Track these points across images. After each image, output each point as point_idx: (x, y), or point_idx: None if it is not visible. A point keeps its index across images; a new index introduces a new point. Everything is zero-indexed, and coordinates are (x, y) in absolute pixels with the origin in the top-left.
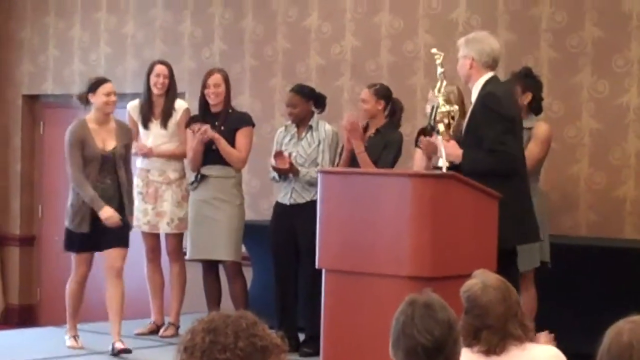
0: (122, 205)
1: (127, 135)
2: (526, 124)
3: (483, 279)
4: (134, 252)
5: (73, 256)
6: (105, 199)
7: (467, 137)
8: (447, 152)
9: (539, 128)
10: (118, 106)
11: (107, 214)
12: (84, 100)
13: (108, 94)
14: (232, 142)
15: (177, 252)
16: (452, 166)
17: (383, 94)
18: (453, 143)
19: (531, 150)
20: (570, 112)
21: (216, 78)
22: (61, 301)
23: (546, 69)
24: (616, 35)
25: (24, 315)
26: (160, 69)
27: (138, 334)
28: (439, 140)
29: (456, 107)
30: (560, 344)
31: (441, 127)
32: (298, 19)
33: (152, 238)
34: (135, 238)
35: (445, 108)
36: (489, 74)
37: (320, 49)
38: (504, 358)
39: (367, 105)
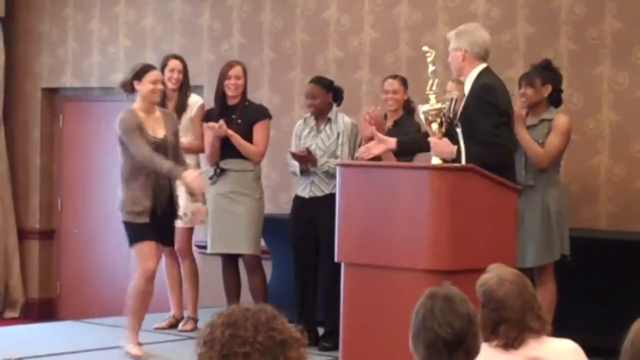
0: (173, 197)
1: (174, 123)
2: (546, 115)
3: (498, 273)
4: None
5: (137, 249)
6: (158, 190)
7: (462, 127)
8: (440, 149)
9: (559, 120)
10: (133, 99)
11: (191, 175)
12: (128, 87)
13: (154, 82)
14: (249, 135)
15: (187, 247)
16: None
17: (406, 85)
18: (445, 140)
19: (552, 142)
20: (590, 104)
21: (237, 70)
22: (81, 295)
23: (566, 61)
24: (636, 27)
25: (44, 309)
26: (174, 63)
27: (157, 328)
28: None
29: (455, 96)
30: (580, 338)
31: (434, 125)
32: (317, 11)
33: (185, 232)
34: None
35: (437, 106)
36: (482, 66)
37: (339, 42)
38: (522, 352)
39: (398, 95)
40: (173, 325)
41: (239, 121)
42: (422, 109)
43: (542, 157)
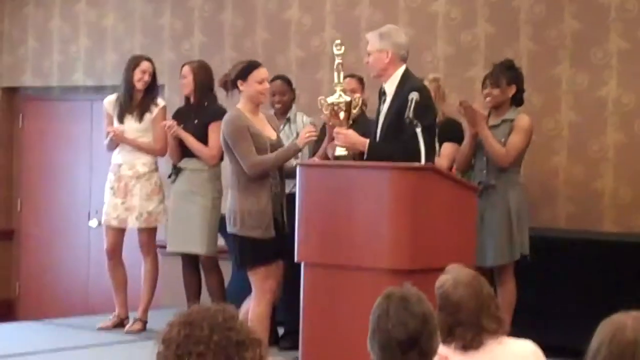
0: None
1: (277, 123)
2: (508, 115)
3: (455, 275)
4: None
5: (256, 273)
6: (276, 197)
7: (388, 127)
8: (351, 140)
9: (520, 120)
10: (95, 99)
11: (303, 136)
12: (229, 86)
13: (262, 81)
14: (204, 136)
15: (149, 247)
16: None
17: (363, 83)
18: (352, 132)
19: (513, 141)
20: (549, 104)
21: (184, 69)
22: (40, 295)
23: (525, 61)
24: (595, 28)
25: (3, 310)
26: (147, 65)
27: (101, 328)
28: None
29: (357, 96)
30: (540, 337)
31: (341, 115)
32: (278, 11)
33: (115, 234)
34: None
35: (344, 98)
36: (403, 67)
37: (300, 41)
38: (481, 353)
39: (357, 94)
40: (117, 325)
41: (195, 121)
42: (328, 100)
43: (504, 156)
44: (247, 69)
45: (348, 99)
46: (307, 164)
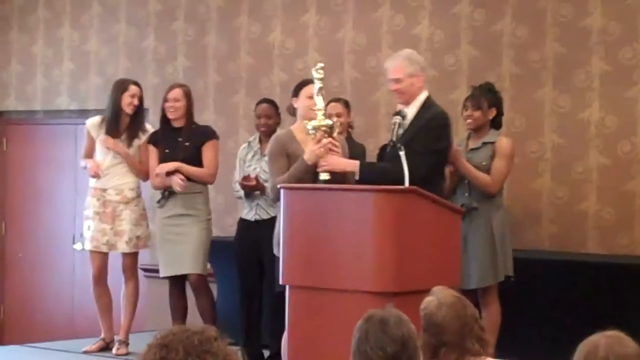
0: None
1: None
2: (488, 138)
3: (439, 296)
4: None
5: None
6: None
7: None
8: (337, 162)
9: (502, 143)
10: (79, 122)
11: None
12: (292, 110)
13: (312, 96)
14: (198, 157)
15: (133, 270)
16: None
17: (349, 107)
18: (336, 157)
19: (498, 167)
20: (532, 127)
21: (175, 92)
22: (26, 319)
23: (508, 83)
24: (577, 51)
25: None
26: (135, 89)
27: (86, 352)
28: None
29: (335, 121)
30: (524, 358)
31: (324, 141)
32: (261, 35)
33: (101, 258)
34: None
35: (326, 122)
36: (426, 92)
37: (284, 65)
38: None
39: (342, 118)
40: (103, 349)
41: (187, 144)
42: (310, 124)
43: (491, 185)
44: (299, 86)
45: (330, 122)
46: (290, 187)
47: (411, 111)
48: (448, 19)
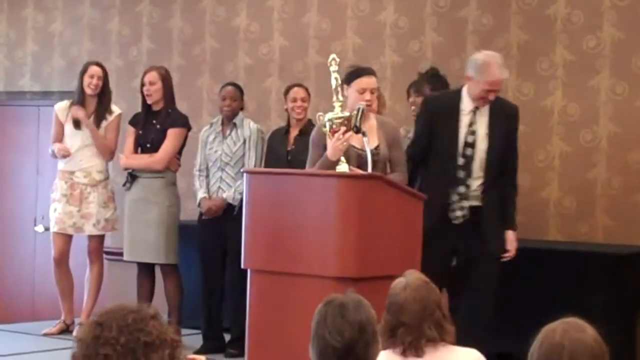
0: None
1: (391, 133)
2: None
3: (408, 279)
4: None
5: None
6: None
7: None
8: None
9: None
10: (42, 104)
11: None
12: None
13: (362, 91)
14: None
15: (98, 253)
16: None
17: (309, 93)
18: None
19: None
20: None
21: (151, 75)
22: None
23: None
24: (541, 39)
25: None
26: (94, 70)
27: (47, 334)
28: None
29: (362, 106)
30: (484, 344)
31: (342, 130)
32: (226, 18)
33: (64, 241)
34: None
35: (342, 114)
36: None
37: (249, 49)
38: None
39: (307, 103)
40: (63, 331)
41: (158, 127)
42: (326, 116)
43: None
44: (352, 75)
45: (347, 114)
46: (254, 171)
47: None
48: (413, 5)
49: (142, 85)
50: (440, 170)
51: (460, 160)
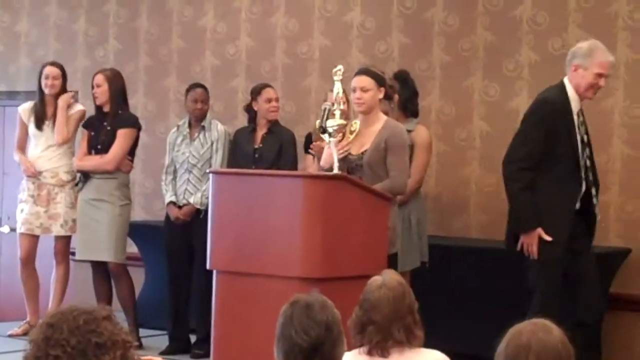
0: None
1: (387, 135)
2: (406, 126)
3: (385, 278)
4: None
5: None
6: None
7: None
8: None
9: (421, 133)
10: (8, 104)
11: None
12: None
13: (353, 90)
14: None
15: (65, 254)
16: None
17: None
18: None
19: (421, 159)
20: (461, 115)
21: (97, 78)
22: None
23: (439, 72)
24: (507, 40)
25: None
26: (48, 70)
27: (11, 335)
28: (332, 144)
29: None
30: (451, 345)
31: (350, 138)
32: (193, 18)
33: (31, 241)
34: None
35: (340, 122)
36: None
37: (215, 49)
38: None
39: (278, 103)
40: (28, 332)
41: (108, 128)
42: (328, 123)
43: (409, 185)
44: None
45: (344, 122)
46: (219, 172)
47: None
48: (380, 6)
49: (92, 87)
50: (567, 174)
51: (583, 162)
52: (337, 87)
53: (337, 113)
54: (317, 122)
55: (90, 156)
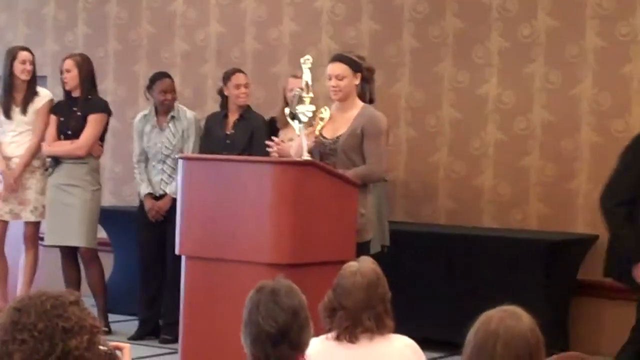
0: None
1: (362, 121)
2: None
3: (361, 265)
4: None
5: None
6: None
7: None
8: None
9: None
10: None
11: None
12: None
13: (329, 77)
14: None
15: (34, 239)
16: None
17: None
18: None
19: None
20: (431, 101)
21: (66, 63)
22: None
23: (408, 58)
24: (477, 27)
25: None
26: (25, 55)
27: None
28: (301, 130)
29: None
30: (422, 331)
31: (319, 126)
32: (163, 4)
33: (0, 227)
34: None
35: (313, 108)
36: None
37: (185, 35)
38: (353, 347)
39: (249, 89)
40: None
41: (79, 113)
42: (298, 109)
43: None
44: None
45: (314, 108)
46: (188, 157)
47: None
48: None
49: (61, 73)
50: None
51: None
52: (306, 76)
53: (307, 100)
54: (286, 108)
55: (60, 141)
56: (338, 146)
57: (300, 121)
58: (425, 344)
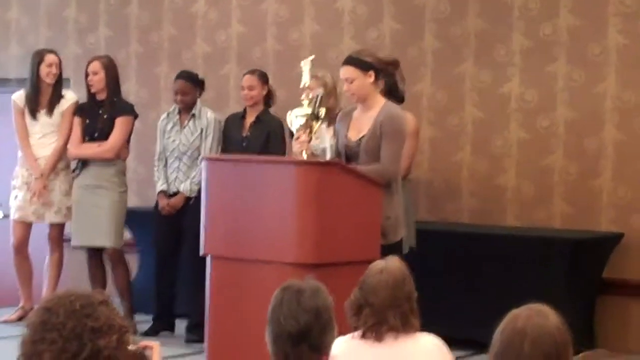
0: None
1: (381, 121)
2: None
3: (388, 263)
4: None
5: None
6: None
7: None
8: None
9: (407, 121)
10: (1, 91)
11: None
12: None
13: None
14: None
15: (59, 241)
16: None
17: (265, 79)
18: None
19: (407, 147)
20: (453, 101)
21: (93, 65)
22: None
23: (430, 58)
24: (498, 26)
25: None
26: (52, 58)
27: (6, 321)
28: (323, 129)
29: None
30: (446, 330)
31: (316, 126)
32: (184, 5)
33: (24, 228)
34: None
35: (308, 110)
36: None
37: (206, 36)
38: (379, 346)
39: (254, 91)
40: (22, 318)
41: (105, 116)
42: (294, 112)
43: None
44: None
45: (309, 111)
46: (213, 158)
47: None
48: None
49: (87, 75)
50: None
51: None
52: (305, 77)
53: (305, 102)
54: (308, 110)
55: (87, 144)
56: (360, 148)
57: (323, 122)
58: (449, 342)
